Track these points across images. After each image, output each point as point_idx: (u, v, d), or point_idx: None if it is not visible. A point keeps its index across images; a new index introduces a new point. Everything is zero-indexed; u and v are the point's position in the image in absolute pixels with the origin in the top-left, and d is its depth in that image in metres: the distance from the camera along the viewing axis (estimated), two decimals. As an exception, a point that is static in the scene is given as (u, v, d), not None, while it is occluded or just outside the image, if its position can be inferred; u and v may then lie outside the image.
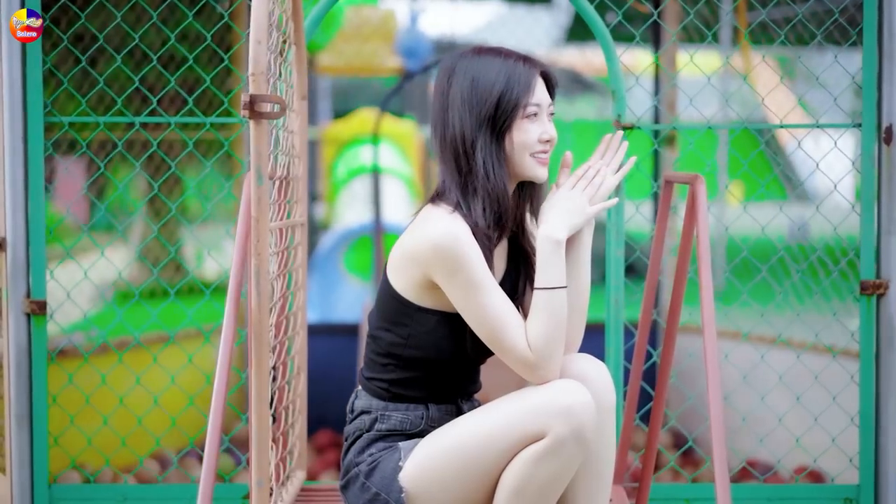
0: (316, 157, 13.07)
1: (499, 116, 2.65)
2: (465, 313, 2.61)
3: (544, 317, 2.60)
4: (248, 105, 2.56)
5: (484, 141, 2.65)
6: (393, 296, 2.69)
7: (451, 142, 2.67)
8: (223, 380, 2.69)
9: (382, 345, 2.73)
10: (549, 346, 2.59)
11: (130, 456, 4.67)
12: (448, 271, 2.58)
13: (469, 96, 2.65)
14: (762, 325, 5.17)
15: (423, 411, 2.73)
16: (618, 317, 3.57)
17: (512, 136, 2.67)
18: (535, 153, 2.69)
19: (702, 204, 2.88)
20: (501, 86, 2.65)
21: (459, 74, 2.68)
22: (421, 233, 2.63)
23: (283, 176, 3.18)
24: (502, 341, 2.59)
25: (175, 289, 3.97)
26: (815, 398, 4.18)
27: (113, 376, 4.12)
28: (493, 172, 2.65)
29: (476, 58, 2.69)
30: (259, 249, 2.59)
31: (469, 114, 2.65)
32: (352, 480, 2.73)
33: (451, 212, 2.63)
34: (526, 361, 2.59)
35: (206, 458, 2.63)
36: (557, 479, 2.57)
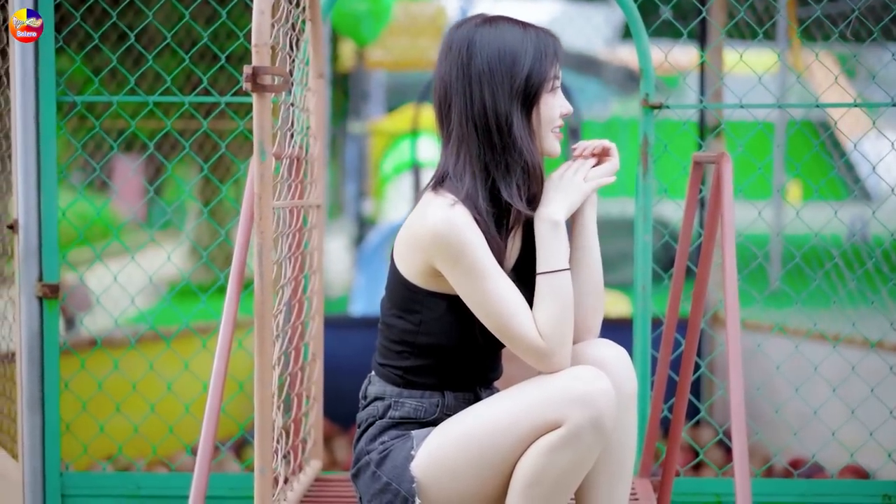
0: (365, 153, 13.05)
1: (529, 90, 2.54)
2: (470, 302, 2.50)
3: (549, 302, 2.49)
4: (251, 77, 2.46)
5: (518, 116, 2.54)
6: (402, 282, 2.59)
7: (479, 118, 2.54)
8: (223, 361, 2.60)
9: (395, 332, 2.62)
10: (558, 332, 2.48)
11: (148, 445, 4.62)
12: (450, 260, 2.48)
13: (498, 68, 2.53)
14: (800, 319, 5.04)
15: (438, 399, 2.62)
16: (645, 304, 3.44)
17: (539, 111, 2.56)
18: (554, 128, 2.60)
19: (727, 183, 2.75)
20: (531, 58, 2.54)
21: (483, 46, 2.54)
22: (421, 221, 2.51)
23: (295, 155, 3.09)
24: (510, 329, 2.48)
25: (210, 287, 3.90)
26: (856, 391, 4.03)
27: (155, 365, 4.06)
28: (529, 149, 2.55)
29: (494, 28, 2.56)
30: (262, 228, 2.49)
31: (500, 87, 2.53)
32: (363, 469, 2.63)
33: (455, 202, 2.50)
34: (537, 350, 2.48)
35: (202, 446, 2.54)
36: (575, 470, 2.44)
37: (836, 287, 5.18)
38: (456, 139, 2.55)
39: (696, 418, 3.82)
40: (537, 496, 2.45)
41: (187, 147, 3.58)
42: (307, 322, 3.29)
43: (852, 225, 5.91)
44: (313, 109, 3.30)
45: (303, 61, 3.19)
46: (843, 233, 6.00)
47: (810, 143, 13.18)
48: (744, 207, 3.99)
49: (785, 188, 8.19)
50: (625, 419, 2.55)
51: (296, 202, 3.02)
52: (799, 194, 12.64)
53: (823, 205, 3.91)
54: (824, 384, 4.09)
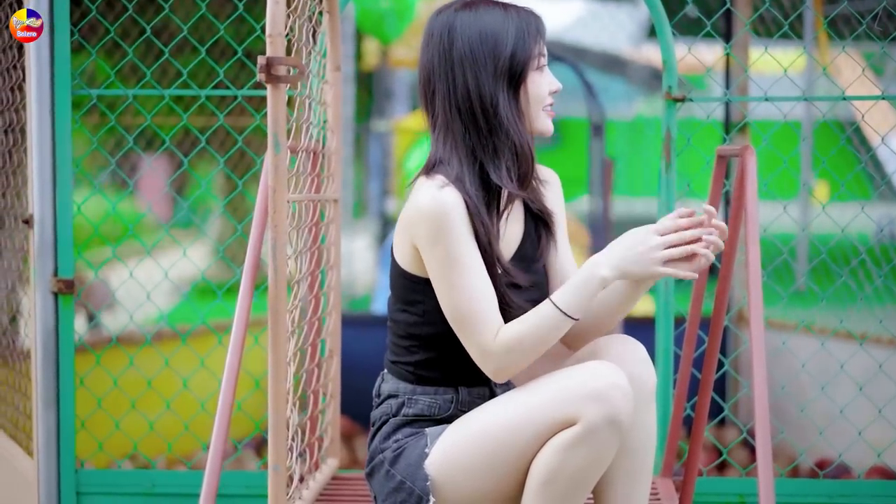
0: (389, 151, 13.02)
1: (514, 70, 2.50)
2: (437, 288, 2.46)
3: (533, 329, 2.43)
4: (265, 68, 2.43)
5: (504, 97, 2.50)
6: (401, 274, 2.56)
7: (463, 102, 2.50)
8: (235, 357, 2.56)
9: (401, 327, 2.59)
10: (516, 353, 2.43)
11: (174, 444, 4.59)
12: (429, 240, 2.43)
13: (480, 51, 2.50)
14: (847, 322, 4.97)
15: (452, 395, 2.57)
16: (668, 301, 3.38)
17: (527, 90, 2.52)
18: (545, 106, 2.55)
19: (751, 177, 2.70)
20: (513, 37, 2.50)
21: (462, 30, 2.51)
22: (412, 202, 2.48)
23: (312, 148, 3.05)
24: (466, 325, 2.44)
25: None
26: (883, 390, 3.97)
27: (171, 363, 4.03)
28: (518, 129, 2.50)
29: (474, 12, 2.53)
30: (276, 221, 2.45)
31: (483, 70, 2.49)
32: (377, 467, 2.59)
33: (445, 184, 2.47)
34: (484, 350, 2.43)
35: (213, 443, 2.50)
36: (591, 468, 2.39)
37: (863, 286, 5.11)
38: (442, 125, 2.53)
39: (720, 417, 3.77)
40: (553, 494, 2.40)
41: (203, 141, 3.54)
42: (324, 318, 3.24)
43: (880, 223, 5.84)
44: (330, 102, 3.26)
45: (319, 53, 3.15)
46: (870, 231, 5.94)
47: (838, 141, 13.08)
48: (770, 205, 3.94)
49: (812, 186, 8.10)
50: (643, 417, 2.50)
51: (312, 196, 2.98)
52: (826, 193, 12.54)
53: (851, 203, 3.84)
54: (851, 383, 4.02)
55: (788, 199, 7.42)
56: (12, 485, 3.66)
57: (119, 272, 5.63)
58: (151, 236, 12.74)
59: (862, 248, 4.11)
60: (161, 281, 3.72)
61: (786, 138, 4.18)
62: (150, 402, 4.09)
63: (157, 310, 3.96)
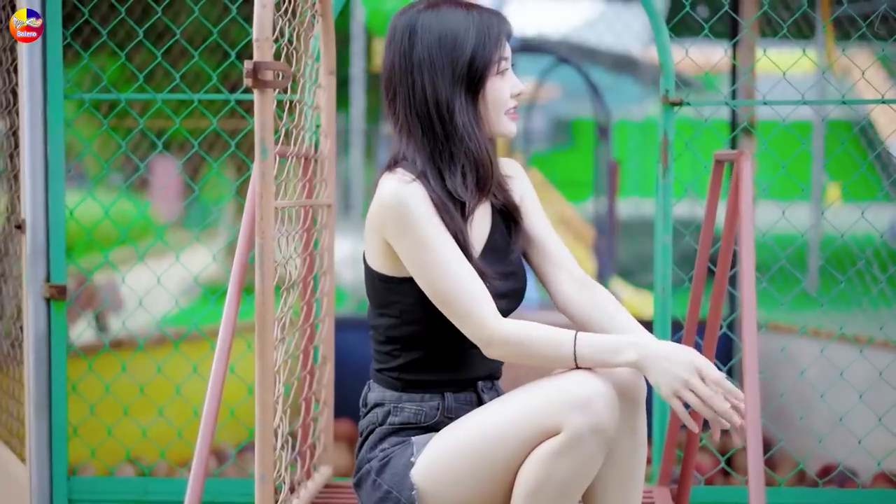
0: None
1: (473, 75, 2.47)
2: (418, 276, 2.42)
3: (542, 342, 2.39)
4: (252, 73, 2.39)
5: (461, 103, 2.47)
6: (374, 277, 2.53)
7: (421, 106, 2.48)
8: (221, 364, 2.53)
9: (381, 331, 2.56)
10: (514, 347, 2.39)
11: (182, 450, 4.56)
12: (398, 230, 2.41)
13: (439, 55, 2.47)
14: (854, 326, 4.92)
15: (438, 401, 2.54)
16: (665, 307, 3.35)
17: (486, 95, 2.49)
18: (508, 110, 2.52)
19: (746, 182, 2.66)
20: (473, 42, 2.47)
21: (424, 32, 2.49)
22: (376, 197, 2.46)
23: (304, 153, 3.02)
24: (457, 304, 2.39)
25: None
26: (887, 396, 3.92)
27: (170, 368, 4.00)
28: (475, 135, 2.47)
29: (436, 12, 2.50)
30: (263, 228, 2.42)
31: (441, 75, 2.47)
32: (364, 477, 2.56)
33: (412, 180, 2.44)
34: (484, 325, 2.38)
35: (198, 451, 2.48)
36: (577, 477, 2.35)
37: (869, 289, 5.07)
38: (403, 127, 2.51)
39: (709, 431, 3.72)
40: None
41: (196, 146, 3.52)
42: (317, 324, 3.22)
43: (893, 225, 5.80)
44: (324, 106, 3.23)
45: (312, 57, 3.12)
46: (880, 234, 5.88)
47: (849, 143, 13.01)
48: (780, 205, 3.89)
49: (825, 188, 8.05)
50: (633, 425, 2.46)
51: (302, 202, 2.95)
52: (837, 195, 12.47)
53: (862, 205, 3.79)
54: (855, 389, 3.98)
55: (800, 200, 7.37)
56: (6, 490, 3.64)
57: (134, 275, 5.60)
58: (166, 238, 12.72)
59: (868, 251, 4.05)
60: (153, 287, 3.68)
61: (796, 140, 4.13)
62: (145, 407, 4.06)
63: (164, 312, 3.94)
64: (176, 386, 3.66)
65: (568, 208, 12.15)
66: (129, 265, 3.75)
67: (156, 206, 13.50)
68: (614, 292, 7.94)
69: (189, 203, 8.49)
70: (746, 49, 6.10)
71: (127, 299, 6.93)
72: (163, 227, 3.95)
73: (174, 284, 3.94)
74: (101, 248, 4.06)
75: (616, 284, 9.05)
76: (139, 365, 4.14)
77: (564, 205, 12.27)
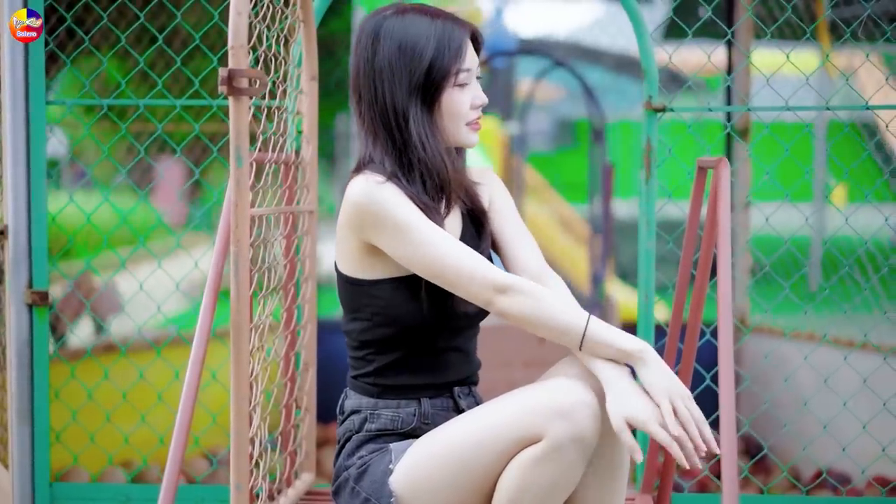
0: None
1: (429, 85, 2.47)
2: (412, 260, 2.42)
3: (550, 302, 2.39)
4: (227, 80, 2.38)
5: (416, 112, 2.48)
6: (346, 281, 2.54)
7: (381, 114, 2.50)
8: (195, 372, 2.53)
9: (354, 336, 2.56)
10: (528, 294, 2.39)
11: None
12: (378, 223, 2.42)
13: (398, 64, 2.47)
14: (847, 328, 4.89)
15: (415, 407, 2.54)
16: (648, 313, 3.33)
17: (443, 106, 2.49)
18: (470, 122, 2.52)
19: (724, 189, 2.66)
20: (431, 52, 2.47)
21: (386, 39, 2.50)
22: (346, 200, 2.46)
23: (284, 159, 3.01)
24: (466, 265, 2.39)
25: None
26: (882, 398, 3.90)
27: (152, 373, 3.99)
28: (429, 145, 2.48)
29: (401, 19, 2.50)
30: (238, 236, 2.41)
31: (399, 84, 2.48)
32: (342, 485, 2.56)
33: (384, 180, 2.45)
34: (496, 276, 2.39)
35: (171, 456, 2.46)
36: (557, 486, 2.35)
37: (877, 293, 5.04)
38: (369, 132, 2.53)
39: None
40: None
41: (178, 150, 3.51)
42: (299, 331, 3.21)
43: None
44: (306, 112, 3.22)
45: (292, 63, 3.11)
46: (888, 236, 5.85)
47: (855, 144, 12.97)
48: (783, 207, 3.88)
49: (829, 189, 8.01)
50: (614, 433, 2.45)
51: (280, 209, 2.94)
52: (844, 195, 12.42)
53: (869, 206, 3.78)
54: (853, 392, 3.96)
55: (804, 201, 7.34)
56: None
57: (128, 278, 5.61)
58: (163, 241, 12.73)
59: (859, 251, 4.03)
60: (137, 292, 3.67)
61: (800, 140, 4.11)
62: (131, 413, 4.05)
63: (163, 317, 3.93)
64: (157, 392, 3.66)
65: (567, 209, 12.15)
66: (114, 269, 3.74)
67: (160, 208, 13.51)
68: (609, 294, 7.93)
69: (194, 206, 8.50)
70: (741, 52, 6.09)
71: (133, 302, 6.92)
72: (147, 231, 3.91)
73: (170, 288, 3.92)
74: (98, 251, 4.05)
75: (614, 286, 9.04)
76: (128, 369, 4.13)
77: (564, 206, 12.27)
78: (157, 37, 3.32)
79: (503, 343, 6.04)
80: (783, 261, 5.12)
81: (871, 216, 3.83)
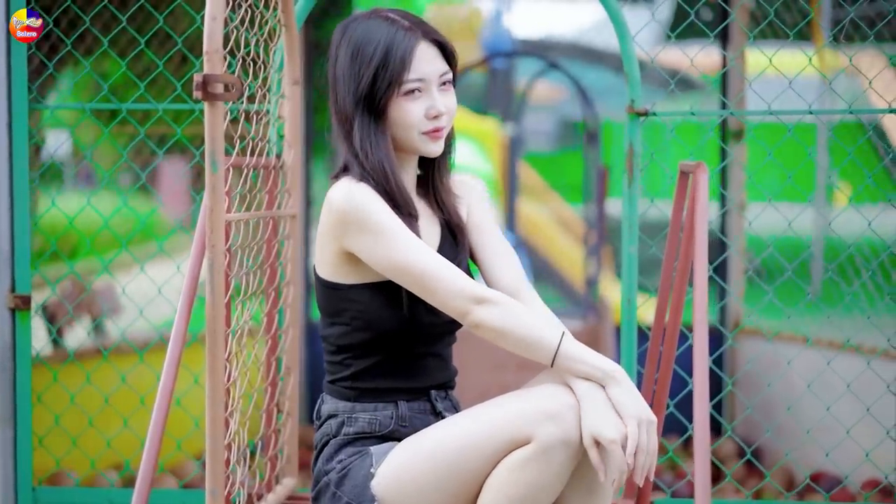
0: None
1: (374, 94, 2.47)
2: (390, 266, 2.42)
3: (526, 317, 2.40)
4: (201, 86, 2.38)
5: (361, 121, 2.48)
6: (325, 286, 2.53)
7: (339, 122, 2.53)
8: (170, 377, 2.52)
9: (332, 341, 2.56)
10: (504, 306, 2.39)
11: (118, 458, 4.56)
12: (358, 229, 2.42)
13: (349, 72, 2.49)
14: (831, 330, 4.87)
15: (392, 410, 2.54)
16: (631, 318, 3.32)
17: (390, 116, 2.49)
18: (426, 131, 2.50)
19: (702, 193, 2.65)
20: (378, 61, 2.46)
21: (344, 45, 2.51)
22: (326, 205, 2.47)
23: (264, 164, 3.00)
24: (443, 274, 2.39)
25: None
26: (887, 407, 3.89)
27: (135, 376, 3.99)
28: (371, 153, 2.48)
29: (363, 24, 2.51)
30: (213, 241, 2.40)
31: (348, 92, 2.49)
32: (323, 490, 2.55)
33: (359, 181, 2.46)
34: (475, 287, 2.39)
35: (144, 463, 2.46)
36: (543, 488, 2.35)
37: (871, 296, 5.02)
38: (338, 139, 2.54)
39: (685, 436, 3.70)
40: None
41: (160, 154, 3.51)
42: (280, 335, 3.20)
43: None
44: (288, 117, 3.21)
45: (272, 67, 3.11)
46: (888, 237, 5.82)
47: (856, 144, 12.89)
48: (786, 207, 3.87)
49: (831, 191, 8.01)
50: None
51: (259, 213, 2.93)
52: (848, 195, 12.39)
53: (871, 206, 3.76)
54: (847, 397, 3.94)
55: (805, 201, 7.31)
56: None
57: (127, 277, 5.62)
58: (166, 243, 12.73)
59: (846, 253, 4.02)
60: (118, 296, 3.67)
61: (804, 139, 4.09)
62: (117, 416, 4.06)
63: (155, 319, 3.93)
64: (140, 396, 3.66)
65: (567, 210, 12.14)
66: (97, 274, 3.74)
67: (163, 208, 13.52)
68: (603, 296, 7.91)
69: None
70: (738, 54, 6.08)
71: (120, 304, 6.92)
72: (128, 235, 3.90)
73: (171, 290, 3.92)
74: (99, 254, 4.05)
75: (612, 287, 9.03)
76: (111, 374, 4.13)
77: (563, 207, 12.26)
78: (139, 39, 3.32)
79: (496, 346, 6.03)
80: (781, 262, 5.09)
81: (873, 216, 3.81)
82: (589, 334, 6.63)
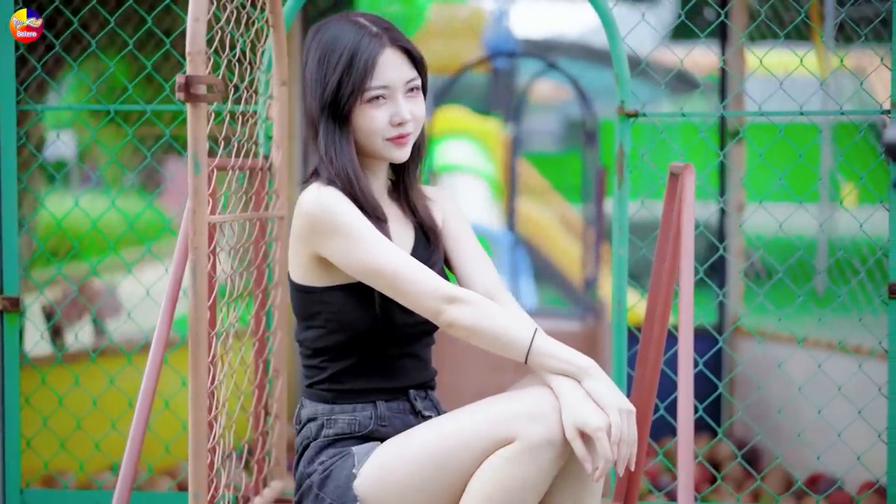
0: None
1: (338, 101, 2.47)
2: (361, 269, 2.42)
3: (499, 316, 2.38)
4: (184, 87, 2.37)
5: (326, 126, 2.49)
6: (298, 290, 2.54)
7: (307, 124, 2.54)
8: (151, 380, 2.51)
9: (308, 345, 2.56)
10: (476, 305, 2.38)
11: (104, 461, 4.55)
12: (328, 232, 2.42)
13: (316, 76, 2.50)
14: (821, 330, 4.85)
15: (371, 410, 2.54)
16: (621, 320, 3.31)
17: (354, 122, 2.49)
18: (390, 138, 2.49)
19: (688, 195, 2.64)
20: (343, 67, 2.46)
21: (314, 50, 2.52)
22: (297, 209, 2.47)
23: (251, 165, 2.99)
24: (414, 274, 2.39)
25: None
26: (878, 408, 3.86)
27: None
28: (336, 159, 2.49)
29: (333, 28, 2.52)
30: (196, 243, 2.40)
31: (314, 97, 2.50)
32: (305, 493, 2.54)
33: (333, 190, 2.46)
34: (447, 287, 2.38)
35: (124, 466, 2.45)
36: (526, 488, 2.33)
37: (870, 296, 5.00)
38: (311, 142, 2.55)
39: (674, 440, 3.68)
40: None
41: (149, 156, 3.49)
42: (268, 337, 3.19)
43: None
44: (276, 118, 3.20)
45: (259, 68, 3.10)
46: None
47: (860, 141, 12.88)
48: (787, 206, 3.85)
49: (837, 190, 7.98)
50: None
51: (244, 215, 2.92)
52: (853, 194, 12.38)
53: (875, 205, 3.74)
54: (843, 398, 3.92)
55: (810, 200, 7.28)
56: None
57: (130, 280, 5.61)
58: (166, 246, 12.74)
59: (839, 253, 3.99)
60: (107, 298, 3.66)
61: (804, 140, 4.07)
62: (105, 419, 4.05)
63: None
64: (128, 399, 3.64)
65: (568, 211, 12.11)
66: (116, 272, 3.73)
67: (166, 207, 13.52)
68: (601, 297, 7.88)
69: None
70: (736, 53, 6.06)
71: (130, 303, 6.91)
72: (117, 237, 3.89)
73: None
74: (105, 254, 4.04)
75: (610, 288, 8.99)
76: (100, 377, 4.12)
77: (565, 207, 12.23)
78: (128, 41, 3.31)
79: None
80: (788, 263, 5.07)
81: (876, 217, 3.79)
82: (587, 335, 6.61)
